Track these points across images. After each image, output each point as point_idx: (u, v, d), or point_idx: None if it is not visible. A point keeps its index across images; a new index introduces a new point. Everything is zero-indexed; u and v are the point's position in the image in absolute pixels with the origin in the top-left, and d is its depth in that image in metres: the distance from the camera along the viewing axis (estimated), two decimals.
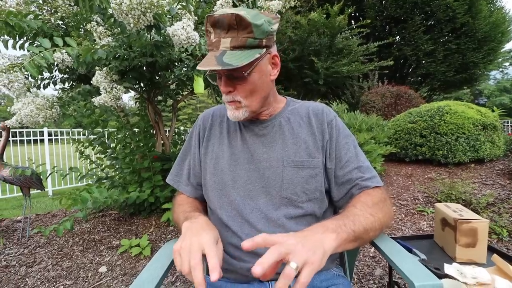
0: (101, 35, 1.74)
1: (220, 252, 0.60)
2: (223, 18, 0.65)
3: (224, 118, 0.85)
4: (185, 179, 0.86)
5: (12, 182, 2.29)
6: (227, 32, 0.67)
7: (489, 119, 3.39)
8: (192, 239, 0.57)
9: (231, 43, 0.66)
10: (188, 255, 0.54)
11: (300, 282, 0.45)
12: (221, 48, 0.67)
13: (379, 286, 1.57)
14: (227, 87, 0.71)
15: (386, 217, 0.67)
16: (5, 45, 1.78)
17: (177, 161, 0.90)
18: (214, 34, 0.68)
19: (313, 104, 0.85)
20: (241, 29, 0.66)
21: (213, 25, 0.67)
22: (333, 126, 0.79)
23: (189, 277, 0.52)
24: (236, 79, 0.70)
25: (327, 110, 0.83)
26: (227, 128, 0.83)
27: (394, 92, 5.66)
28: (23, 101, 1.76)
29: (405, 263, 0.63)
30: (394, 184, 3.01)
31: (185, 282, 1.73)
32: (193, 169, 0.85)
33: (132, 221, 2.56)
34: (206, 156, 0.82)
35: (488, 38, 8.58)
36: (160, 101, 2.77)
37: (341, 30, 6.62)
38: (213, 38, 0.68)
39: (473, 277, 0.73)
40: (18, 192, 4.47)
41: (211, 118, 0.87)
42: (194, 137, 0.87)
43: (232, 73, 0.69)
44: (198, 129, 0.87)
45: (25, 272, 1.90)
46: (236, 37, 0.66)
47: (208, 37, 0.69)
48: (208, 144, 0.83)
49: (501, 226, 1.91)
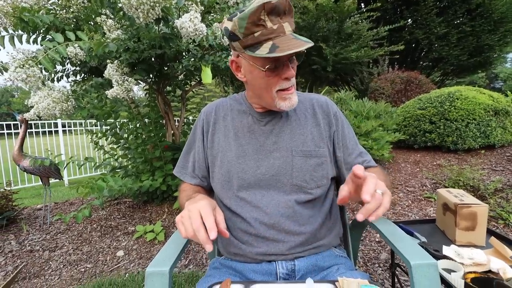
0: (111, 28, 1.78)
1: (219, 214, 0.64)
2: (279, 3, 0.65)
3: (228, 111, 0.87)
4: (190, 171, 0.88)
5: (33, 172, 2.41)
6: (282, 18, 0.68)
7: (501, 104, 3.32)
8: (189, 207, 0.62)
9: (290, 26, 0.69)
10: (189, 221, 0.59)
11: (383, 206, 0.57)
12: (287, 32, 0.68)
13: (384, 270, 1.63)
14: (292, 72, 0.72)
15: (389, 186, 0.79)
16: (19, 40, 1.84)
17: (183, 153, 0.92)
18: (270, 22, 0.66)
19: (316, 96, 0.89)
20: (289, 15, 0.69)
21: (269, 12, 0.65)
22: (338, 118, 0.86)
23: (195, 239, 0.58)
24: (292, 61, 0.73)
25: (330, 102, 0.89)
26: (232, 121, 0.85)
27: (404, 78, 5.54)
28: (39, 95, 1.84)
29: (402, 244, 0.67)
30: (402, 171, 3.01)
31: (197, 265, 1.83)
32: (197, 162, 0.87)
33: (146, 208, 2.67)
34: (212, 150, 0.85)
35: (505, 19, 8.19)
36: (169, 91, 2.82)
37: (350, 14, 6.44)
38: (273, 25, 0.66)
39: (469, 258, 0.76)
40: (36, 181, 4.68)
41: (214, 113, 0.88)
42: (198, 130, 0.88)
43: (294, 57, 0.72)
44: (202, 123, 0.88)
45: (48, 256, 2.04)
46: (290, 21, 0.70)
47: (263, 26, 0.66)
48: (214, 138, 0.85)
49: (508, 212, 1.92)
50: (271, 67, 0.70)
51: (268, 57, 0.67)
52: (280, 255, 0.77)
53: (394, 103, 5.14)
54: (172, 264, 0.66)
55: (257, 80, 0.75)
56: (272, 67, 0.70)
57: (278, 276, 0.77)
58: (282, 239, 0.76)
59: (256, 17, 0.65)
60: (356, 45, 6.45)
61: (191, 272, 1.73)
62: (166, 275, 0.63)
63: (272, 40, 0.66)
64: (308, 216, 0.79)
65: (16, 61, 1.57)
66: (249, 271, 0.78)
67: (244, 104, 0.87)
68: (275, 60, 0.69)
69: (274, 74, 0.71)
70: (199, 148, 0.87)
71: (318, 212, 0.81)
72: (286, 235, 0.76)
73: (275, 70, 0.71)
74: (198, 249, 1.99)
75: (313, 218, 0.79)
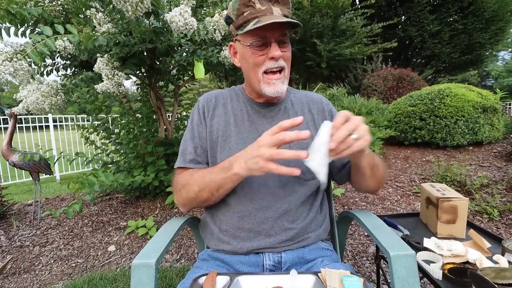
0: (101, 22, 1.76)
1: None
2: None
3: (228, 100, 0.87)
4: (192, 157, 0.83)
5: (22, 167, 2.38)
6: (274, 4, 0.73)
7: (490, 102, 3.39)
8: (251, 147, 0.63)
9: (281, 11, 0.73)
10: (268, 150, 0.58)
11: (349, 149, 0.58)
12: (274, 13, 0.72)
13: (371, 263, 1.67)
14: (279, 52, 0.72)
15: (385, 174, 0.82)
16: (7, 32, 1.81)
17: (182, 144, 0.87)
18: (259, 4, 0.72)
19: (311, 93, 0.93)
20: (283, 4, 0.74)
21: None
22: (332, 115, 0.88)
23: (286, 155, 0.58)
24: (284, 45, 0.75)
25: (325, 100, 0.92)
26: (232, 110, 0.85)
27: (396, 75, 5.60)
28: (28, 89, 1.81)
29: (383, 236, 0.70)
30: (392, 166, 3.06)
31: (189, 260, 1.84)
32: (200, 147, 0.84)
33: (138, 203, 2.67)
34: (211, 134, 0.83)
35: (496, 17, 8.32)
36: (162, 86, 2.80)
37: (345, 11, 6.46)
38: (262, 6, 0.72)
39: (448, 250, 0.79)
40: (27, 177, 4.62)
41: (214, 100, 0.87)
42: (197, 116, 0.86)
43: (284, 38, 0.74)
44: (202, 109, 0.86)
45: (39, 251, 2.03)
46: (282, 8, 0.74)
47: (252, 6, 0.72)
48: (213, 122, 0.84)
49: (493, 207, 1.98)
50: (255, 43, 0.73)
51: (254, 33, 0.71)
52: (269, 248, 0.78)
53: (386, 100, 5.19)
54: (159, 256, 0.67)
55: (246, 61, 0.77)
56: (258, 44, 0.73)
57: (264, 267, 0.79)
58: (273, 234, 0.78)
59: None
60: (350, 41, 6.48)
61: (182, 267, 1.74)
62: (152, 266, 0.64)
63: (258, 18, 0.71)
64: (301, 212, 0.80)
65: (4, 54, 1.54)
66: (237, 262, 0.79)
67: (242, 95, 0.88)
68: (262, 37, 0.72)
69: (261, 53, 0.74)
70: (201, 133, 0.84)
71: (310, 208, 0.83)
72: (279, 229, 0.78)
73: (262, 49, 0.73)
74: (190, 244, 2.00)
75: (305, 213, 0.81)
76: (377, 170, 0.76)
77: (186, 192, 0.77)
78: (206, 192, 0.73)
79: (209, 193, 0.74)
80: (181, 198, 0.79)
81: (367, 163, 0.72)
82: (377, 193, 0.84)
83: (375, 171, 0.75)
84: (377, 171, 0.76)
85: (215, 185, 0.72)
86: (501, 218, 1.93)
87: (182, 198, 0.79)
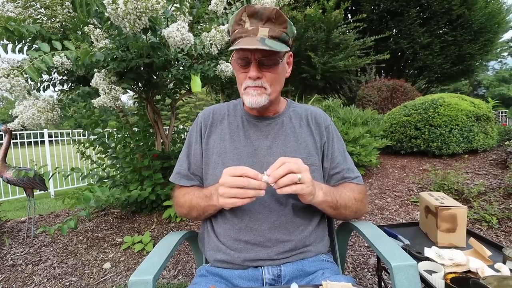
0: (99, 38, 1.78)
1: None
2: (263, 10, 0.72)
3: (225, 116, 0.89)
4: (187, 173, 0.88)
5: (16, 183, 2.34)
6: (264, 24, 0.74)
7: (482, 110, 3.44)
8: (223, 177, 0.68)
9: (269, 33, 0.74)
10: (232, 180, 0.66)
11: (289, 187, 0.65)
12: (259, 35, 0.73)
13: (372, 274, 1.64)
14: (257, 72, 0.75)
15: (362, 208, 0.84)
16: (4, 49, 1.82)
17: (179, 159, 0.92)
18: (249, 23, 0.74)
19: (311, 108, 0.94)
20: (278, 24, 0.74)
21: (250, 15, 0.73)
22: (329, 130, 0.89)
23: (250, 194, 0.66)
24: (266, 67, 0.76)
25: (324, 115, 0.93)
26: (229, 125, 0.87)
27: (390, 86, 5.70)
28: (24, 104, 1.81)
29: (384, 246, 0.69)
30: (390, 176, 3.07)
31: (187, 275, 1.80)
32: (195, 164, 0.87)
33: (134, 218, 2.62)
34: (207, 152, 0.86)
35: (484, 29, 8.58)
36: (159, 100, 2.82)
37: (338, 25, 6.62)
38: (249, 27, 0.74)
39: (450, 259, 0.79)
40: (20, 194, 4.54)
41: (211, 116, 0.90)
42: (195, 134, 0.89)
43: (265, 60, 0.75)
44: (199, 126, 0.89)
45: (31, 270, 1.97)
46: (273, 28, 0.74)
47: (241, 25, 0.75)
48: (209, 140, 0.87)
49: (491, 214, 1.98)
50: (239, 62, 0.77)
51: (237, 52, 0.76)
52: (267, 260, 0.77)
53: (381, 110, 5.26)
54: (156, 272, 0.65)
55: (236, 74, 0.83)
56: (241, 63, 0.77)
57: (264, 281, 0.77)
58: (271, 245, 0.77)
59: (238, 17, 0.75)
60: (343, 54, 6.61)
61: (180, 283, 1.70)
62: (149, 283, 0.62)
63: (242, 38, 0.74)
64: (299, 224, 0.80)
65: (1, 70, 1.55)
66: (235, 277, 0.78)
67: (240, 109, 0.90)
68: (244, 57, 0.76)
69: (243, 71, 0.78)
70: (196, 150, 0.88)
71: (309, 220, 0.82)
72: (276, 241, 0.77)
73: (244, 67, 0.77)
74: (188, 259, 1.96)
75: (303, 226, 0.81)
76: (343, 209, 0.79)
77: (180, 209, 0.87)
78: (194, 212, 0.83)
79: (197, 214, 0.83)
80: (178, 212, 0.90)
81: (326, 205, 0.76)
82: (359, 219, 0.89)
83: (340, 210, 0.79)
84: (344, 210, 0.79)
85: (201, 209, 0.80)
86: (500, 226, 1.92)
87: (179, 213, 0.90)
